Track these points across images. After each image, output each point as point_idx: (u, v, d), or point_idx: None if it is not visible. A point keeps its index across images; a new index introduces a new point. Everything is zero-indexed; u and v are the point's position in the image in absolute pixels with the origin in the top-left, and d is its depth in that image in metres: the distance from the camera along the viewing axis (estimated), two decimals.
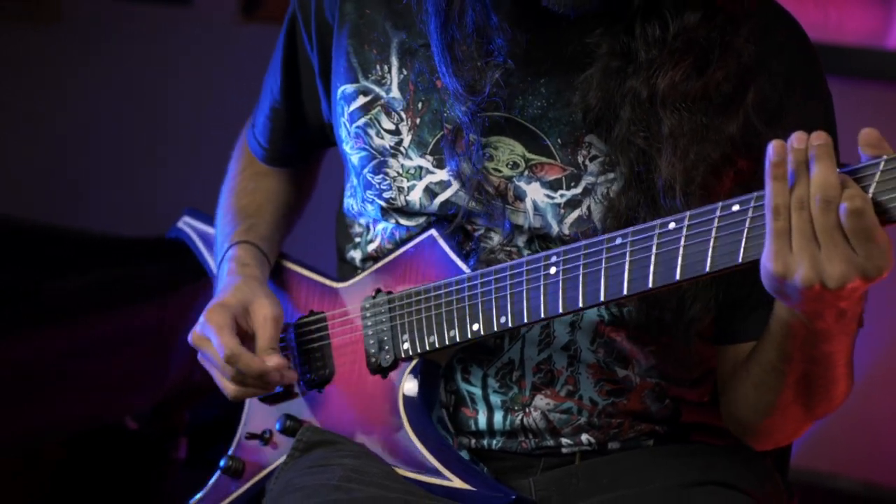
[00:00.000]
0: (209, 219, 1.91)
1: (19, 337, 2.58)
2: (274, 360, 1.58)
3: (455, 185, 1.57)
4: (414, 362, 1.57)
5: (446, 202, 1.58)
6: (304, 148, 1.87)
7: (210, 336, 1.59)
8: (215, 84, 4.33)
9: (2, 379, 2.52)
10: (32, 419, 2.60)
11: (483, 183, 1.55)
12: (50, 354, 2.63)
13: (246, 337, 1.61)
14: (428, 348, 1.55)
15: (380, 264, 1.64)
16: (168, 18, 4.39)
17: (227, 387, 1.62)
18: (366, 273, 1.66)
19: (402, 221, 1.62)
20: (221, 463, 1.75)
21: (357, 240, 1.70)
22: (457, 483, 1.52)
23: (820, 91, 1.57)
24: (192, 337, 1.62)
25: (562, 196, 1.55)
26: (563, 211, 1.54)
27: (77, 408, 2.70)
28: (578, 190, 1.54)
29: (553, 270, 1.43)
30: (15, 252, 3.28)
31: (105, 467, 3.02)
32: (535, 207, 1.55)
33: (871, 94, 3.47)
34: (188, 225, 1.96)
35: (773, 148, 1.24)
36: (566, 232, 1.54)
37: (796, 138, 1.24)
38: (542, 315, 1.44)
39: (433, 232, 1.59)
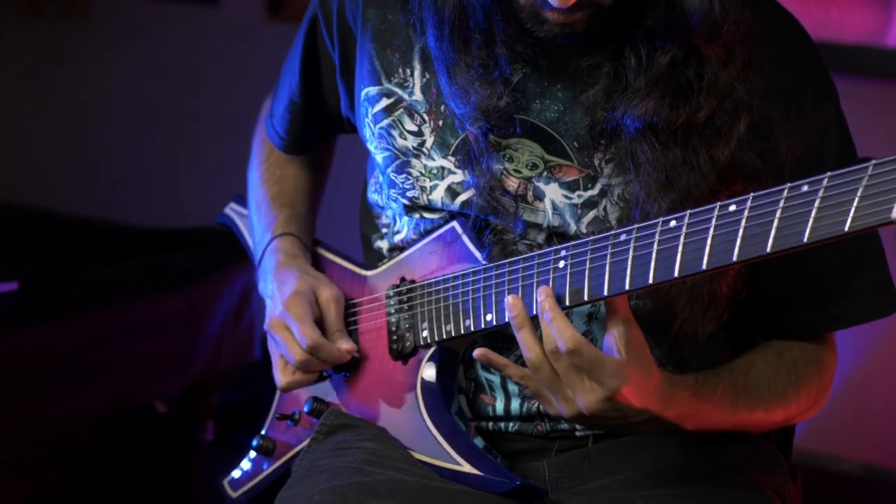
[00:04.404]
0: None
1: (53, 324, 2.60)
2: (346, 345, 1.64)
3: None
4: (432, 349, 1.60)
5: (468, 202, 1.60)
6: (321, 137, 1.90)
7: (291, 326, 1.62)
8: (241, 82, 4.32)
9: (36, 365, 2.54)
10: (66, 404, 2.61)
11: (497, 193, 1.57)
12: (82, 341, 2.65)
13: (316, 321, 1.65)
14: (445, 336, 1.57)
15: (405, 254, 1.66)
16: (195, 18, 4.39)
17: (285, 376, 1.67)
18: (392, 262, 1.68)
19: (427, 215, 1.65)
20: (254, 442, 1.79)
21: (384, 230, 1.73)
22: (466, 468, 1.54)
23: (829, 91, 1.58)
24: (270, 323, 1.65)
25: (579, 197, 1.56)
26: (580, 211, 1.56)
27: (108, 392, 2.71)
28: (595, 191, 1.56)
29: (562, 264, 1.44)
30: (47, 243, 3.30)
31: (136, 449, 3.03)
32: (554, 207, 1.57)
33: (872, 91, 3.44)
34: (233, 210, 2.00)
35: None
36: (584, 231, 1.56)
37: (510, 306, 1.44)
38: None
39: (455, 224, 1.61)
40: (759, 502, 1.58)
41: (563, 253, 1.45)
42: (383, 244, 1.74)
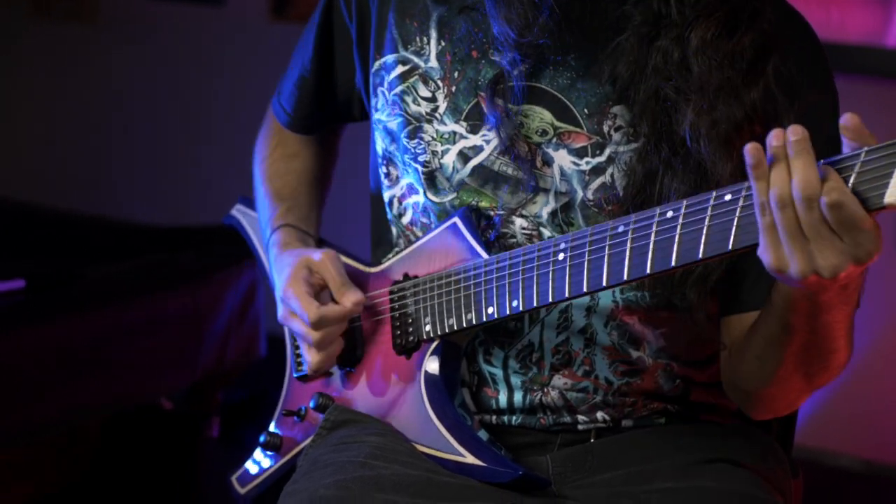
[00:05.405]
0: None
1: (61, 321, 2.63)
2: (350, 299, 1.62)
3: (487, 150, 1.61)
4: (435, 343, 1.61)
5: (478, 167, 1.62)
6: (327, 117, 1.89)
7: (294, 308, 1.63)
8: (246, 81, 4.34)
9: (44, 361, 2.56)
10: (73, 399, 2.62)
11: (516, 138, 1.59)
12: (89, 338, 2.66)
13: (321, 290, 1.65)
14: (448, 330, 1.59)
15: (407, 250, 1.68)
16: (201, 18, 4.41)
17: (312, 356, 1.66)
18: (395, 258, 1.70)
19: (431, 196, 1.66)
20: (261, 438, 1.80)
21: (387, 217, 1.74)
22: (469, 459, 1.55)
23: (831, 84, 1.60)
24: (280, 316, 1.67)
25: (587, 163, 1.58)
26: (587, 178, 1.58)
27: (115, 388, 2.73)
28: (603, 158, 1.58)
29: (561, 256, 1.47)
30: (54, 241, 3.31)
31: (142, 445, 3.04)
32: (562, 173, 1.59)
33: (872, 91, 3.45)
34: (240, 212, 2.00)
35: (748, 150, 1.25)
36: (590, 198, 1.58)
37: (774, 136, 1.25)
38: (550, 299, 1.48)
39: (456, 219, 1.62)
40: (760, 497, 1.58)
41: (562, 245, 1.48)
42: (392, 230, 1.75)
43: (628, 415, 1.64)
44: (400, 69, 1.67)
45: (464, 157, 1.63)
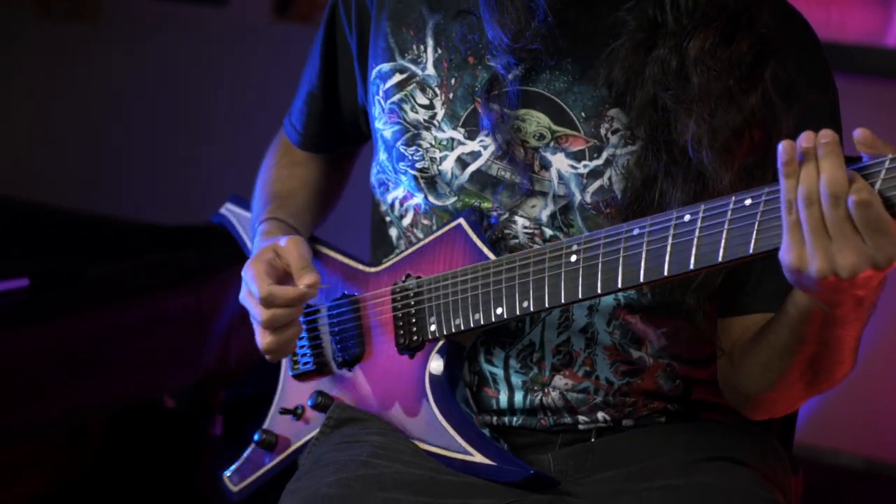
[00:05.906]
0: (249, 205, 1.93)
1: (64, 320, 2.63)
2: (305, 281, 1.59)
3: (485, 155, 1.62)
4: (440, 343, 1.61)
5: (476, 172, 1.62)
6: (337, 135, 1.89)
7: (249, 285, 1.61)
8: (248, 81, 4.35)
9: (48, 360, 2.56)
10: (77, 398, 2.63)
11: (514, 142, 1.59)
12: (93, 336, 2.66)
13: (285, 276, 1.62)
14: (454, 330, 1.58)
15: (410, 250, 1.67)
16: (204, 18, 4.41)
17: (263, 338, 1.62)
18: (397, 258, 1.69)
19: (432, 199, 1.67)
20: (255, 436, 1.79)
21: (388, 218, 1.75)
22: (478, 458, 1.55)
23: (830, 83, 1.60)
24: (240, 296, 1.65)
25: (585, 166, 1.58)
26: (585, 181, 1.58)
27: (118, 387, 2.73)
28: (600, 161, 1.58)
29: (574, 258, 1.47)
30: (58, 239, 3.32)
31: (145, 443, 3.04)
32: (560, 177, 1.59)
33: (872, 90, 3.46)
34: (229, 210, 1.99)
35: (783, 147, 1.27)
36: (588, 200, 1.58)
37: (805, 137, 1.26)
38: (563, 300, 1.48)
39: (461, 221, 1.62)
40: (760, 495, 1.58)
41: (574, 247, 1.48)
42: (393, 231, 1.75)
43: (629, 415, 1.65)
44: (397, 77, 1.67)
45: (462, 163, 1.63)
